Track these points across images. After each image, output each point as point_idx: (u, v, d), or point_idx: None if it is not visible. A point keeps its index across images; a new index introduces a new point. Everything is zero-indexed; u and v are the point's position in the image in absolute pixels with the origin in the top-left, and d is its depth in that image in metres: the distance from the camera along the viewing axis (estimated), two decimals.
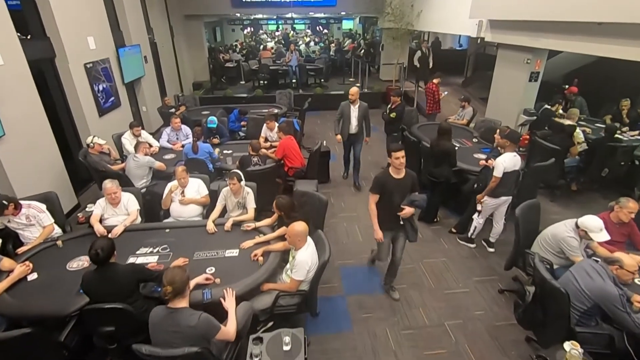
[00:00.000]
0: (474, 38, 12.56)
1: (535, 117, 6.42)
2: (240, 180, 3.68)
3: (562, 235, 3.02)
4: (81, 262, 3.12)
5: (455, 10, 8.03)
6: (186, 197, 3.99)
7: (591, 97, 7.22)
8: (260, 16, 13.55)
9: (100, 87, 6.22)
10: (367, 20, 18.64)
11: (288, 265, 3.12)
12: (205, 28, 16.64)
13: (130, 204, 3.80)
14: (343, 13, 15.22)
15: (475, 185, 4.45)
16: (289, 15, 14.71)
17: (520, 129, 6.57)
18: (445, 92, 7.31)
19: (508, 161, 3.80)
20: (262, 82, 11.74)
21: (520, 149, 6.57)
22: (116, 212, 3.78)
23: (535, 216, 3.53)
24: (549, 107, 6.65)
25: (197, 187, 4.09)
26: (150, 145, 5.73)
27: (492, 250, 4.38)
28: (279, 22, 20.34)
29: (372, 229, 3.40)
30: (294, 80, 11.45)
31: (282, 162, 5.31)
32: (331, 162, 6.25)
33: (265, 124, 5.89)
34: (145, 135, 5.84)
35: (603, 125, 6.45)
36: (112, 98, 6.60)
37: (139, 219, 3.92)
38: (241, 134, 6.97)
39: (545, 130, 6.18)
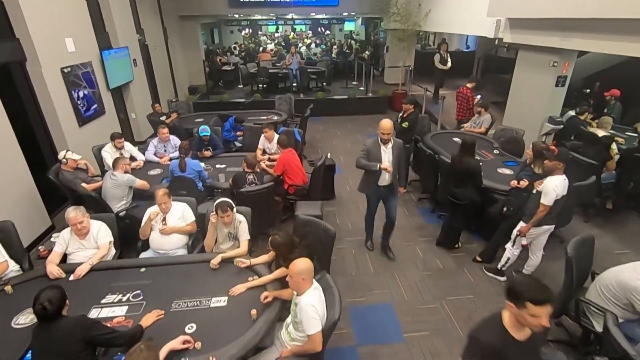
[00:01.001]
0: (483, 39, 11.99)
1: (561, 126, 5.80)
2: (232, 209, 3.07)
3: (633, 285, 2.40)
4: (32, 317, 2.50)
5: (468, 9, 7.44)
6: (168, 226, 3.38)
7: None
8: (258, 17, 12.97)
9: (81, 94, 5.62)
10: (370, 21, 18.09)
11: (289, 319, 2.50)
12: (203, 30, 16.10)
13: (100, 235, 3.19)
14: (345, 14, 14.67)
15: (505, 209, 3.84)
16: (289, 16, 14.15)
17: (544, 139, 5.96)
18: (479, 96, 6.74)
19: (560, 187, 3.19)
20: (261, 86, 11.15)
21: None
22: (83, 245, 3.17)
23: (589, 252, 2.92)
24: (575, 114, 6.04)
25: (181, 213, 3.48)
26: (134, 159, 5.15)
27: None
28: (279, 24, 19.81)
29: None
30: (294, 84, 10.86)
31: (281, 178, 4.71)
32: (336, 174, 5.63)
33: (262, 134, 5.28)
34: (130, 148, 5.24)
35: (635, 134, 5.85)
36: (95, 106, 6.01)
37: (113, 251, 3.32)
38: (237, 144, 6.37)
39: (573, 141, 5.56)
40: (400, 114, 5.38)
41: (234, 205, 3.08)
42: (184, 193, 4.23)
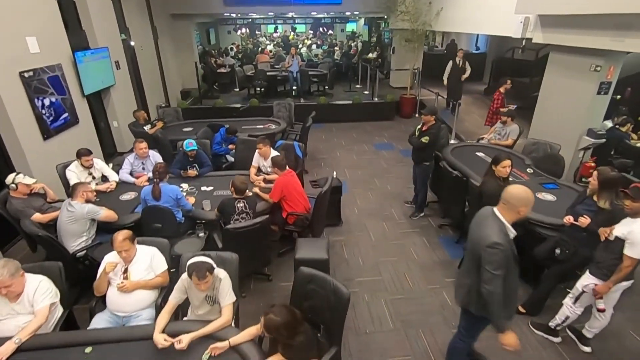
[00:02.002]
0: (496, 39, 11.25)
1: (603, 140, 5.03)
2: (212, 272, 2.28)
3: None
4: None
5: (487, 7, 6.67)
6: (129, 281, 2.60)
7: None
8: (255, 15, 12.21)
9: (47, 102, 4.84)
10: (373, 21, 17.33)
11: None
12: (198, 29, 15.35)
13: (37, 296, 2.40)
14: (348, 13, 13.90)
15: (558, 251, 3.06)
16: (288, 15, 13.38)
17: (581, 155, 5.19)
18: (514, 106, 6.00)
19: None
20: (258, 89, 10.38)
21: (583, 179, 5.19)
22: (15, 310, 2.39)
23: None
24: (615, 126, 5.27)
25: (148, 262, 2.70)
26: (106, 179, 4.38)
27: (587, 349, 2.97)
28: (278, 23, 19.06)
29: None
30: (294, 88, 10.09)
31: (279, 204, 3.93)
32: (344, 194, 4.83)
33: (257, 150, 4.49)
34: (101, 165, 4.46)
35: None
36: (66, 115, 5.23)
37: (57, 314, 2.54)
38: (229, 158, 5.59)
39: (619, 158, 4.80)
40: (418, 127, 4.60)
41: (214, 267, 2.28)
42: (158, 226, 3.46)
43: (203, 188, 4.26)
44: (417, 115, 9.84)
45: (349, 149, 7.66)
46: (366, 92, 11.21)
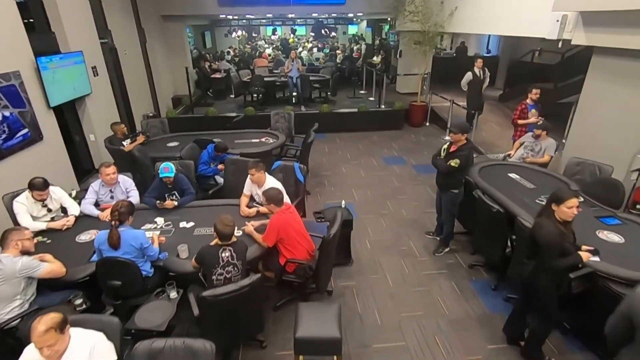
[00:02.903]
0: (509, 41, 10.47)
1: None
2: None
3: None
4: None
5: (514, 5, 5.90)
6: None
7: None
8: (251, 16, 11.45)
9: None
10: (376, 23, 16.59)
11: None
12: (193, 32, 14.64)
13: None
14: (351, 15, 13.16)
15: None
16: (288, 16, 12.62)
17: (635, 177, 4.38)
18: (541, 119, 5.17)
19: None
20: (255, 96, 9.61)
21: (638, 206, 4.37)
22: None
23: None
24: None
25: (87, 355, 1.89)
26: (66, 211, 3.58)
27: None
28: (276, 25, 18.35)
29: None
30: (294, 94, 9.31)
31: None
32: (354, 226, 4.00)
33: (249, 176, 3.68)
34: (60, 195, 3.64)
35: None
36: (25, 131, 4.44)
37: None
38: (218, 179, 4.79)
39: None
40: (445, 146, 3.80)
41: None
42: (116, 284, 2.66)
43: (182, 224, 3.45)
44: (427, 124, 9.07)
45: (355, 163, 6.87)
46: (371, 99, 10.45)
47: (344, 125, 8.52)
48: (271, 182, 3.62)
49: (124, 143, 5.18)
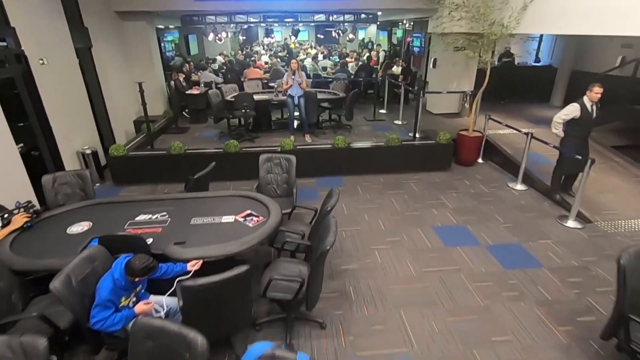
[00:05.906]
0: (572, 46, 8.09)
1: None
2: None
3: None
4: None
5: None
6: None
7: None
8: (242, 16, 8.88)
9: None
10: (393, 26, 14.16)
11: None
12: (174, 36, 12.25)
13: None
14: (365, 14, 10.61)
15: None
16: (288, 14, 10.04)
17: None
18: None
19: None
20: (243, 121, 7.14)
21: None
22: None
23: None
24: None
25: None
26: None
27: None
28: (273, 27, 15.86)
29: None
30: (296, 118, 6.83)
31: None
32: None
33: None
34: None
35: None
36: None
37: None
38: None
39: None
40: None
41: None
42: None
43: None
44: (480, 160, 6.56)
45: (393, 241, 4.33)
46: (397, 122, 7.98)
47: (366, 166, 6.00)
48: None
49: None
